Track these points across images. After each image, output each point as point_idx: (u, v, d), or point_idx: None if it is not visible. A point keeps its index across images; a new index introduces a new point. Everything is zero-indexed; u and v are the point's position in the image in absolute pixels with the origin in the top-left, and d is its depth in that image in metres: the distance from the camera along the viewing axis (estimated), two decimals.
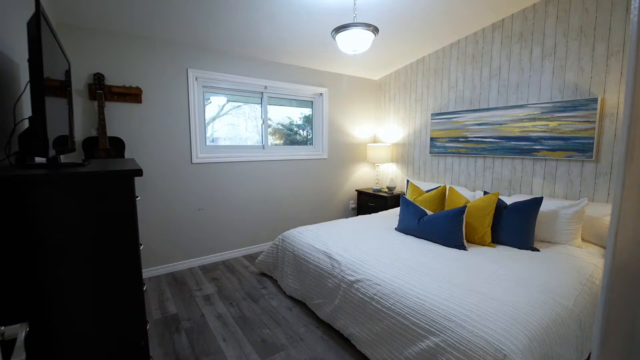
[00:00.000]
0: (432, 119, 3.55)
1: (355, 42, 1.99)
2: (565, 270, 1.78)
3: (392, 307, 1.55)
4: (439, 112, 3.50)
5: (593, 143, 2.38)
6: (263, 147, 3.49)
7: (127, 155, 2.60)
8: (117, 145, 2.52)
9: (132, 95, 2.64)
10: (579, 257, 1.99)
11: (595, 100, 2.34)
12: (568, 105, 2.49)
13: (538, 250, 2.14)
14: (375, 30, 1.95)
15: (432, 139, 3.58)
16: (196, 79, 2.94)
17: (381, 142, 4.33)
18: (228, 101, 3.33)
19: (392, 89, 4.10)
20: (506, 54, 2.88)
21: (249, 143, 3.46)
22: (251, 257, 3.25)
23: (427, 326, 1.38)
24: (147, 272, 2.81)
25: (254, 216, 3.42)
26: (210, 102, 3.24)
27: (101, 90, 2.44)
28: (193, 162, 2.96)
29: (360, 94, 4.18)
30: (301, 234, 2.51)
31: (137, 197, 1.48)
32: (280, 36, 2.82)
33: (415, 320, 1.43)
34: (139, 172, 1.00)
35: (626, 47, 2.20)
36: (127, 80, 2.62)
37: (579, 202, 2.22)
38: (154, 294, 2.51)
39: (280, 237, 2.63)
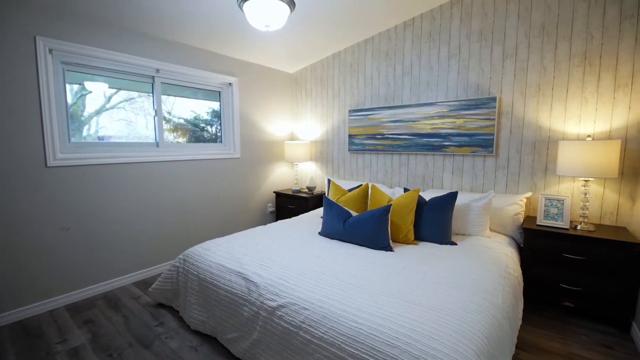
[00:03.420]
0: (349, 116, 3.45)
1: (267, 15, 1.64)
2: (485, 263, 1.80)
3: (324, 336, 1.27)
4: (356, 108, 3.42)
5: (493, 139, 2.56)
6: (157, 144, 2.83)
7: None
8: None
9: None
10: (492, 248, 2.07)
11: (494, 99, 2.52)
12: (472, 104, 2.64)
13: (456, 244, 2.17)
14: (291, 3, 1.64)
15: (350, 136, 3.48)
16: (50, 51, 2.15)
17: (299, 139, 4.08)
18: (117, 91, 2.59)
19: (308, 83, 3.88)
20: (417, 53, 2.93)
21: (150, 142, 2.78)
22: (145, 284, 2.59)
23: (367, 357, 1.15)
24: None
25: (148, 231, 2.74)
26: (91, 91, 2.46)
27: None
28: (49, 165, 2.16)
29: (275, 87, 3.83)
30: (208, 250, 2.04)
31: None
32: (175, 5, 2.26)
33: (352, 350, 1.18)
34: None
35: (518, 51, 2.41)
36: None
37: (487, 195, 2.35)
38: None
39: (181, 256, 2.11)
